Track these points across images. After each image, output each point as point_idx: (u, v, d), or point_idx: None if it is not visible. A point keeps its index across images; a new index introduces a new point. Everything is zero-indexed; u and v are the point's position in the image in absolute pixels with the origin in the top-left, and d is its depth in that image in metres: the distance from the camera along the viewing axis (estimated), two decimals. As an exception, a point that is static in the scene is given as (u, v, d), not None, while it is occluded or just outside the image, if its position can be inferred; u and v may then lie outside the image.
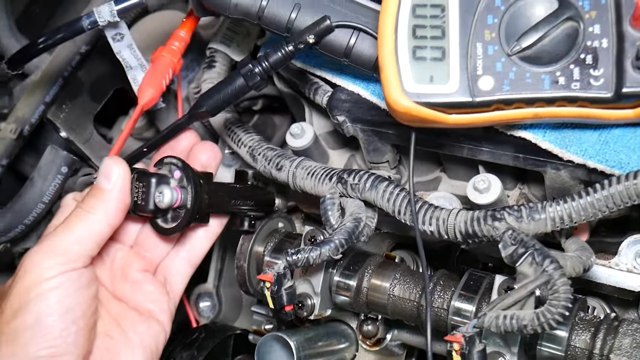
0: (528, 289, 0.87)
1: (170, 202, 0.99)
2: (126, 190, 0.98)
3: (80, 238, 0.95)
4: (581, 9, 0.88)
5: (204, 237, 1.10)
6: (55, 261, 0.92)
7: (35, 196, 1.28)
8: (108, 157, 1.00)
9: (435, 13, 0.90)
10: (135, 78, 1.16)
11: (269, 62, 0.99)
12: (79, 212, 0.96)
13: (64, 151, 1.26)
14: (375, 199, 1.02)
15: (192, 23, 1.17)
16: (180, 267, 1.09)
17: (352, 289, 1.10)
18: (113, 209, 0.97)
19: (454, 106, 0.89)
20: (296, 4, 1.01)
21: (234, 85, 1.01)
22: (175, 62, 1.14)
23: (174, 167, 1.01)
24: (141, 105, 1.11)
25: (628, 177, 0.87)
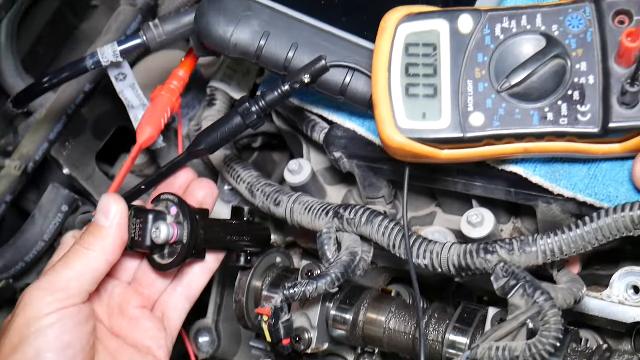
0: (520, 321, 0.88)
1: (166, 238, 0.99)
2: (124, 227, 0.99)
3: (79, 274, 0.95)
4: (568, 47, 0.90)
5: (201, 272, 1.10)
6: (54, 297, 0.93)
7: (36, 234, 1.29)
8: (106, 195, 1.01)
9: (427, 52, 0.92)
10: (137, 117, 1.18)
11: (266, 101, 1.00)
12: (78, 249, 0.97)
13: (65, 190, 1.27)
14: (371, 233, 1.03)
15: (191, 62, 1.19)
16: (177, 303, 1.09)
17: (348, 323, 1.11)
18: (111, 246, 0.97)
19: (446, 142, 0.91)
20: (293, 43, 1.04)
21: (232, 124, 1.02)
22: (174, 101, 1.16)
23: (171, 203, 1.02)
24: (139, 144, 1.13)
25: (617, 210, 0.89)
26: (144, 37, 1.11)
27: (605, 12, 0.89)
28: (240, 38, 1.05)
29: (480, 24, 0.92)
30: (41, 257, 1.33)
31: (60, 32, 1.48)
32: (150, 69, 1.42)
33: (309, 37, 1.04)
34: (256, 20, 1.05)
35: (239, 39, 1.05)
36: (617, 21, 0.89)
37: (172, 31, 1.11)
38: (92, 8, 1.52)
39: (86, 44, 1.41)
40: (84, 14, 1.50)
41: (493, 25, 0.92)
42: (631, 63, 0.86)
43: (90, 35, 1.46)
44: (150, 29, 1.11)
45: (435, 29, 0.93)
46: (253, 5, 1.06)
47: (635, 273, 1.02)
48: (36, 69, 1.51)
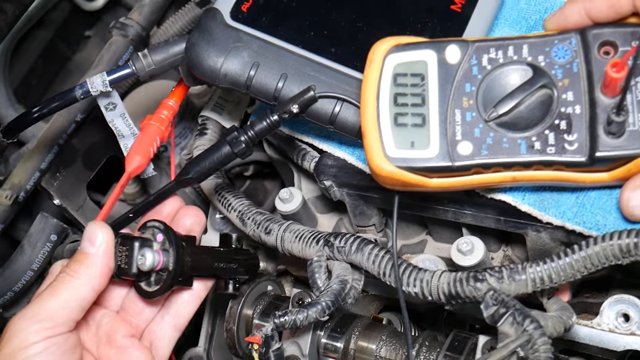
0: (509, 349, 0.88)
1: (152, 265, 0.99)
2: (110, 255, 0.98)
3: (65, 302, 0.95)
4: (554, 77, 0.91)
5: (188, 301, 1.10)
6: (41, 326, 0.93)
7: (25, 263, 1.29)
8: (92, 222, 1.01)
9: (415, 82, 0.93)
10: (127, 146, 1.18)
11: (254, 130, 1.01)
12: (64, 277, 0.96)
13: (53, 219, 1.27)
14: (361, 261, 1.03)
15: (181, 92, 1.20)
16: (166, 331, 1.09)
17: (339, 351, 1.11)
18: (97, 274, 0.97)
19: (434, 170, 0.92)
20: (283, 74, 1.05)
21: (220, 153, 1.02)
22: (163, 130, 1.16)
23: (157, 230, 1.03)
24: (128, 172, 1.13)
25: (605, 238, 0.89)
26: (133, 67, 1.11)
27: (591, 43, 0.90)
28: (230, 68, 1.06)
29: (467, 54, 0.93)
30: (30, 286, 1.33)
31: (53, 62, 1.49)
32: (141, 99, 1.43)
33: (298, 67, 1.05)
34: (246, 51, 1.06)
35: (228, 69, 1.06)
36: (602, 52, 0.90)
37: (161, 61, 1.12)
38: (85, 39, 1.53)
39: (78, 74, 1.42)
40: (76, 44, 1.51)
41: (480, 56, 0.93)
42: (617, 93, 0.87)
43: (83, 65, 1.47)
44: (139, 58, 1.12)
45: (423, 59, 0.94)
46: (243, 36, 1.07)
47: (625, 301, 1.02)
48: (29, 99, 1.52)
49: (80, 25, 1.62)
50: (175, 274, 1.01)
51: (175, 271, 1.01)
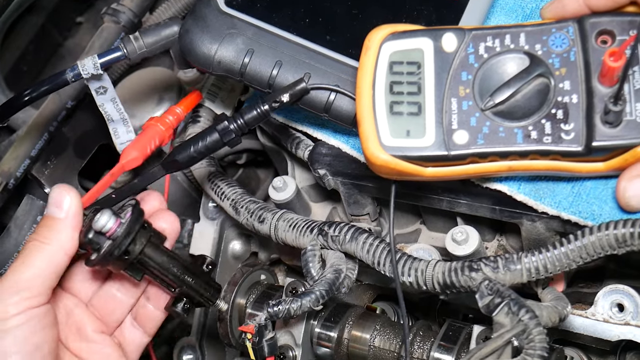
0: (504, 339, 0.88)
1: (103, 225, 0.95)
2: (79, 217, 0.96)
3: (40, 271, 0.93)
4: (551, 66, 0.91)
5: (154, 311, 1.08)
6: (20, 297, 0.91)
7: (11, 246, 1.27)
8: (57, 185, 0.98)
9: (411, 70, 0.93)
10: (117, 131, 1.18)
11: (244, 119, 1.00)
12: (35, 244, 0.94)
13: (39, 201, 1.26)
14: (356, 250, 1.03)
15: (190, 103, 1.20)
16: (135, 335, 1.08)
17: (333, 340, 1.11)
18: (68, 237, 0.95)
19: (430, 159, 0.91)
20: (277, 61, 1.04)
21: (208, 141, 1.01)
22: (164, 132, 1.16)
23: (129, 206, 1.00)
24: (121, 164, 1.13)
25: (600, 228, 0.89)
26: (124, 50, 1.11)
27: (588, 32, 0.90)
28: (224, 55, 1.05)
29: (464, 43, 0.93)
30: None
31: (44, 48, 1.48)
32: (133, 86, 1.42)
33: (293, 54, 1.04)
34: (240, 38, 1.05)
35: (222, 56, 1.05)
36: (599, 41, 0.90)
37: (152, 43, 1.11)
38: (76, 25, 1.52)
39: (70, 60, 1.41)
40: (68, 31, 1.50)
41: (477, 44, 0.93)
42: (614, 82, 0.87)
43: (74, 52, 1.46)
44: (131, 41, 1.11)
45: (419, 48, 0.93)
46: (237, 23, 1.06)
47: (619, 291, 1.02)
48: (20, 85, 1.50)
49: (71, 11, 1.61)
50: (119, 246, 0.96)
51: (120, 243, 0.96)
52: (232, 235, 1.35)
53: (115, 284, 1.07)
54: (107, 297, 1.06)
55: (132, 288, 1.07)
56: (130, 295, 1.07)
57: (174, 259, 1.03)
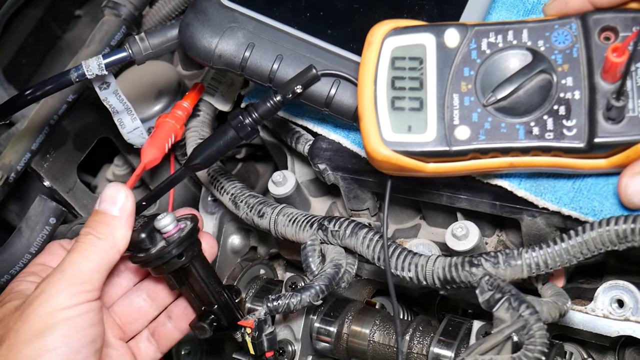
0: (505, 334, 0.88)
1: (165, 225, 0.99)
2: (133, 217, 0.98)
3: (98, 266, 0.95)
4: (554, 62, 0.90)
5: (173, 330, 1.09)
6: (81, 288, 0.92)
7: (23, 247, 1.27)
8: (112, 183, 1.00)
9: (413, 65, 0.93)
10: (122, 121, 1.18)
11: (259, 112, 1.00)
12: (91, 239, 0.96)
13: (52, 202, 1.26)
14: (355, 245, 1.03)
15: (195, 95, 1.23)
16: (149, 351, 1.09)
17: (332, 335, 1.11)
18: (122, 236, 0.97)
19: (431, 155, 0.91)
20: (278, 55, 1.04)
21: (226, 137, 1.02)
22: (178, 128, 1.18)
23: (187, 221, 1.03)
24: (144, 164, 1.15)
25: (601, 224, 0.89)
26: (129, 50, 1.11)
27: (591, 28, 0.90)
28: (225, 49, 1.05)
29: (466, 38, 0.93)
30: (28, 269, 1.31)
31: (43, 41, 1.47)
32: (133, 78, 1.41)
33: (294, 49, 1.04)
34: (241, 32, 1.05)
35: (223, 50, 1.05)
36: (602, 37, 0.90)
37: (158, 45, 1.11)
38: (76, 18, 1.51)
39: (69, 53, 1.40)
40: (67, 23, 1.49)
41: (479, 40, 0.92)
42: (617, 78, 0.87)
43: (74, 45, 1.45)
44: (136, 42, 1.11)
45: (422, 43, 0.93)
46: (238, 17, 1.06)
47: (619, 287, 1.02)
48: (18, 78, 1.50)
49: (70, 4, 1.60)
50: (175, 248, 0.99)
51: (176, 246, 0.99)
52: (231, 229, 1.35)
53: (143, 294, 1.08)
54: (132, 306, 1.07)
55: (159, 301, 1.08)
56: (155, 308, 1.08)
57: (215, 277, 1.07)
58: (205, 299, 1.06)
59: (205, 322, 1.07)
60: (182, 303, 1.09)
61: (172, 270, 1.02)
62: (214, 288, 1.06)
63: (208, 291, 1.05)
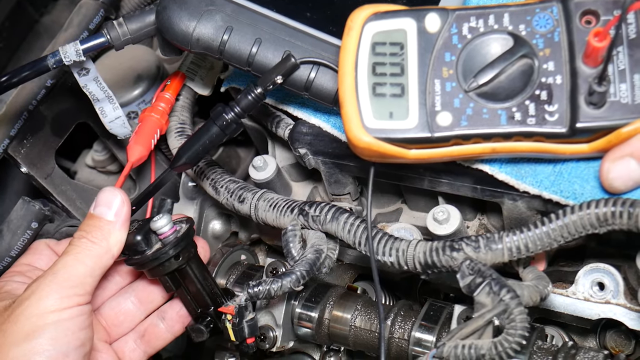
0: (485, 318, 0.88)
1: (161, 226, 0.99)
2: (128, 222, 0.99)
3: (91, 270, 0.95)
4: (535, 46, 0.90)
5: (165, 332, 1.09)
6: (74, 292, 0.92)
7: (3, 250, 1.25)
8: (108, 188, 1.00)
9: (394, 51, 0.92)
10: (103, 109, 1.17)
11: (241, 107, 1.00)
12: (86, 243, 0.96)
13: (35, 206, 1.24)
14: (336, 230, 1.03)
15: (176, 85, 1.22)
16: (134, 354, 1.08)
17: (313, 321, 1.11)
18: (117, 241, 0.97)
19: (413, 141, 0.91)
20: (257, 38, 1.03)
21: (211, 135, 1.01)
22: (162, 122, 1.17)
23: (182, 223, 1.03)
24: (131, 162, 1.14)
25: (582, 207, 0.89)
26: (107, 36, 1.09)
27: (573, 12, 0.89)
28: (203, 32, 1.04)
29: (447, 23, 0.92)
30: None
31: (20, 25, 1.44)
32: (112, 63, 1.40)
33: (273, 32, 1.03)
34: (219, 15, 1.04)
35: (201, 33, 1.04)
36: (584, 21, 0.89)
37: (136, 30, 1.10)
38: (53, 1, 1.49)
39: (47, 37, 1.38)
40: (44, 7, 1.47)
41: (460, 25, 0.92)
42: (598, 63, 0.87)
43: (51, 29, 1.43)
44: (114, 27, 1.09)
45: (402, 28, 0.92)
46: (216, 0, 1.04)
47: (600, 270, 1.03)
48: (-6, 63, 1.47)
49: (48, -14, 1.58)
50: (171, 250, 1.00)
51: (172, 247, 1.00)
52: (212, 214, 1.34)
53: (132, 297, 1.08)
54: (120, 309, 1.07)
55: (148, 305, 1.08)
56: (143, 312, 1.09)
57: (212, 278, 1.07)
58: (201, 301, 1.06)
59: (202, 324, 1.07)
60: (177, 305, 1.09)
61: (168, 271, 1.02)
62: (210, 290, 1.06)
63: (204, 293, 1.06)
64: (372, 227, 1.00)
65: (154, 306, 1.08)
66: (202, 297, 1.06)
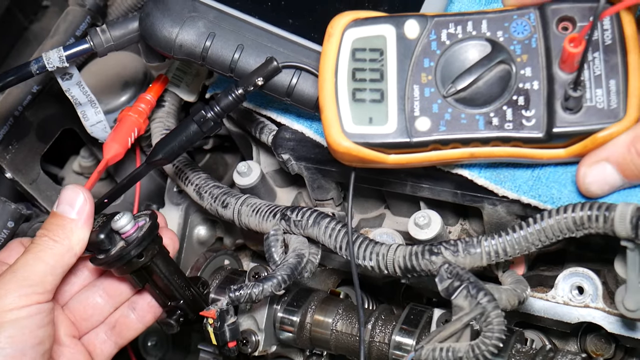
0: (463, 322, 0.89)
1: (123, 225, 0.98)
2: (92, 220, 0.98)
3: (52, 269, 0.94)
4: (513, 52, 0.91)
5: (136, 323, 1.09)
6: (32, 290, 0.92)
7: None
8: (70, 185, 0.99)
9: (374, 57, 0.93)
10: (85, 114, 1.18)
11: (220, 106, 1.00)
12: (47, 242, 0.95)
13: (11, 205, 1.24)
14: (318, 235, 1.03)
15: (158, 88, 1.22)
16: (105, 347, 1.08)
17: (295, 325, 1.11)
18: (79, 239, 0.96)
19: (392, 146, 0.91)
20: (239, 45, 1.04)
21: (189, 132, 1.02)
22: (141, 122, 1.18)
23: (146, 216, 1.02)
24: (106, 159, 1.14)
25: (559, 211, 0.90)
26: (90, 42, 1.10)
27: (550, 19, 0.91)
28: (186, 39, 1.05)
29: (426, 29, 0.93)
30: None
31: (10, 32, 1.45)
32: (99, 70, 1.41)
33: (255, 38, 1.04)
34: (201, 21, 1.05)
35: (184, 39, 1.05)
36: (560, 27, 0.91)
37: (119, 37, 1.11)
38: (43, 8, 1.50)
39: (36, 44, 1.38)
40: (34, 14, 1.47)
41: (439, 31, 0.93)
42: (574, 68, 0.88)
43: (41, 35, 1.43)
44: (98, 34, 1.10)
45: (382, 34, 0.93)
46: (198, 6, 1.05)
47: (579, 274, 1.04)
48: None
49: (37, -6, 1.58)
50: (134, 249, 0.99)
51: (135, 245, 0.99)
52: (197, 220, 1.35)
53: (99, 291, 1.07)
54: (87, 303, 1.06)
55: (116, 298, 1.08)
56: (112, 304, 1.08)
57: (179, 272, 1.06)
58: (170, 295, 1.06)
59: (172, 318, 1.07)
60: (147, 295, 1.08)
61: (134, 270, 1.02)
62: (178, 283, 1.06)
63: (172, 287, 1.06)
64: (353, 231, 1.01)
65: (123, 299, 1.08)
66: (170, 290, 1.05)
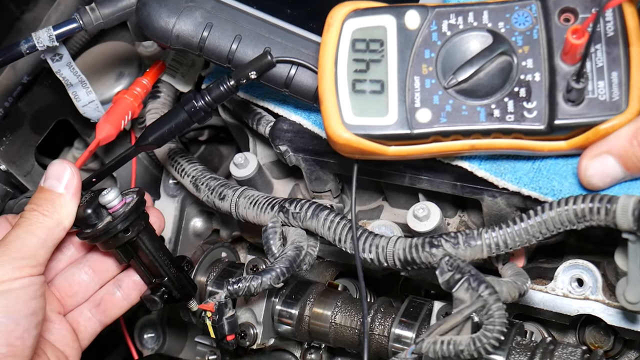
0: (464, 314, 0.88)
1: (110, 200, 0.99)
2: (79, 194, 0.99)
3: (43, 242, 0.95)
4: (514, 44, 0.90)
5: (120, 304, 1.09)
6: (25, 263, 0.92)
7: None
8: (58, 160, 1.00)
9: (374, 47, 0.92)
10: (77, 94, 1.17)
11: (212, 96, 1.00)
12: (37, 216, 0.96)
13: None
14: (317, 227, 1.03)
15: (155, 73, 1.23)
16: (89, 324, 1.08)
17: (294, 318, 1.11)
18: (68, 213, 0.97)
19: (392, 138, 0.91)
20: (237, 35, 1.03)
21: (179, 119, 1.02)
22: (135, 105, 1.18)
23: (133, 193, 1.03)
24: (98, 139, 1.14)
25: (560, 203, 0.89)
26: (80, 21, 1.10)
27: (551, 10, 0.90)
28: (183, 29, 1.04)
29: (427, 20, 0.92)
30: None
31: (2, 23, 1.44)
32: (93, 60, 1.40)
33: (253, 29, 1.03)
34: (199, 11, 1.04)
35: (181, 30, 1.04)
36: (562, 19, 0.90)
37: (109, 14, 1.10)
38: (35, -1, 1.49)
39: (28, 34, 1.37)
40: (26, 4, 1.46)
41: (440, 22, 0.92)
42: (576, 60, 0.87)
43: (33, 26, 1.43)
44: (87, 12, 1.10)
45: (382, 25, 0.92)
46: (196, -4, 1.04)
47: (579, 266, 1.04)
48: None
49: (29, -17, 1.57)
50: (121, 223, 1.00)
51: (122, 220, 1.00)
52: (193, 212, 1.34)
53: (85, 268, 1.07)
54: (73, 279, 1.06)
55: (102, 275, 1.08)
56: (98, 282, 1.08)
57: (164, 249, 1.07)
58: (155, 272, 1.07)
59: (156, 294, 1.07)
60: (133, 273, 1.09)
61: (120, 245, 1.02)
62: (163, 261, 1.07)
63: (157, 264, 1.06)
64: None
65: (109, 276, 1.09)
66: (155, 267, 1.06)
